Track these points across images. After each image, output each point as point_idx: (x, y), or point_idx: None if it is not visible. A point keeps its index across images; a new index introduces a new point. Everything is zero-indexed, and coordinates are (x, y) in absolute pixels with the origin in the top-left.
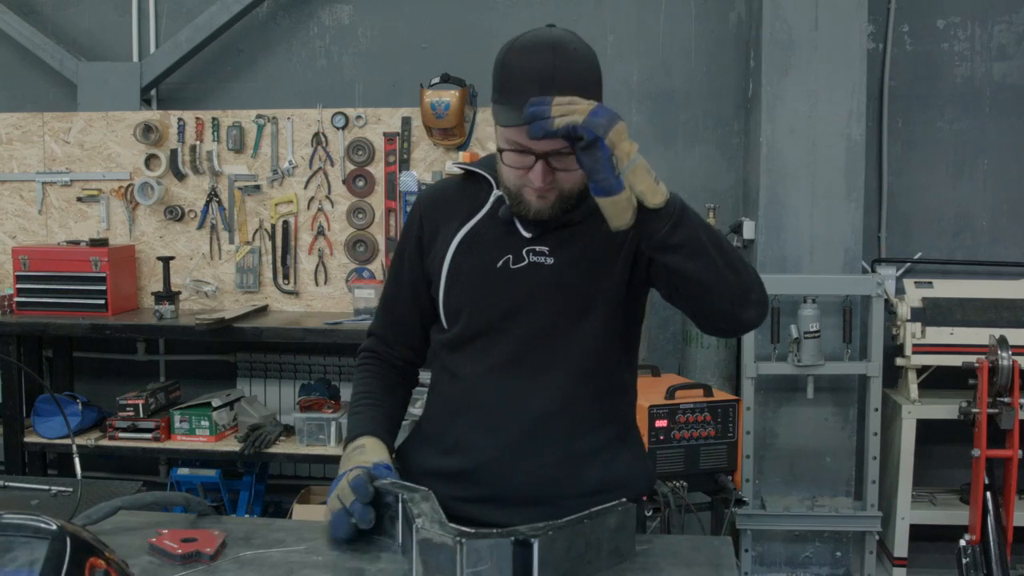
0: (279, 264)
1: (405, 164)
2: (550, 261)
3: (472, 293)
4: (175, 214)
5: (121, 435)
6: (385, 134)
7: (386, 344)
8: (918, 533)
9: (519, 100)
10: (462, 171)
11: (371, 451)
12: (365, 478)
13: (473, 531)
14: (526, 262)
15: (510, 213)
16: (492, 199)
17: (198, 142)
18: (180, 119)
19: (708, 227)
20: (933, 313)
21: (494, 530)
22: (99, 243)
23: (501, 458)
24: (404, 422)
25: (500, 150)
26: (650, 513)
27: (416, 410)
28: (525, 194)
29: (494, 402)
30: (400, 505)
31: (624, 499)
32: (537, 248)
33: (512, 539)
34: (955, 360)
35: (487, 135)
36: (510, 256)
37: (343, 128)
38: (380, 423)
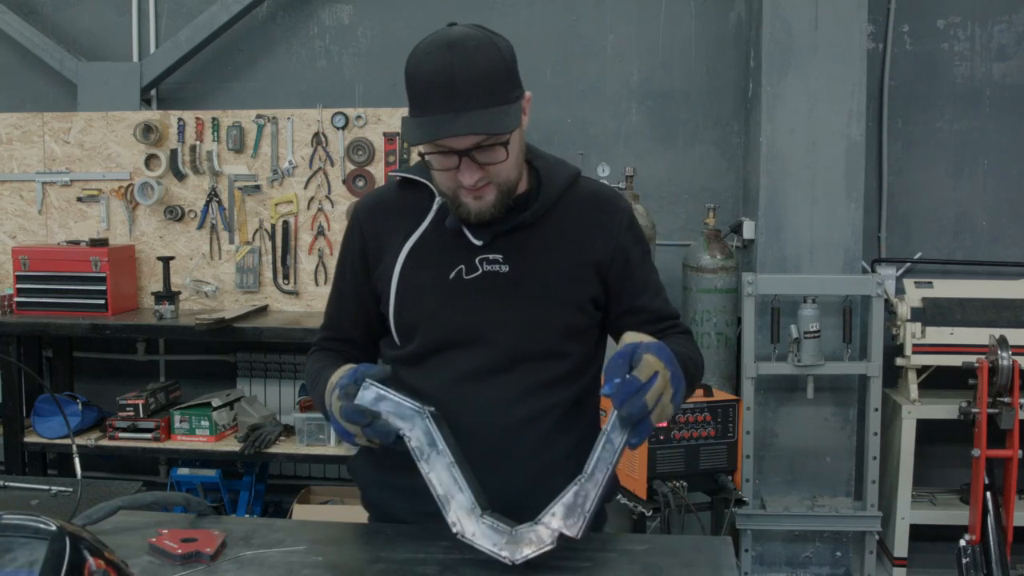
0: (279, 264)
1: (405, 164)
2: (505, 269)
3: (425, 308)
4: (175, 214)
5: (121, 435)
6: (385, 134)
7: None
8: (918, 533)
9: (424, 110)
10: (398, 178)
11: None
12: (353, 409)
13: (516, 532)
14: (480, 272)
15: (458, 222)
16: (436, 207)
17: (198, 142)
18: (180, 119)
19: (688, 373)
20: (933, 313)
21: (534, 524)
22: (99, 243)
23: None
24: None
25: (422, 154)
26: (650, 513)
27: None
28: (461, 196)
29: (457, 418)
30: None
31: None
32: (491, 256)
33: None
34: (955, 360)
35: None
36: (463, 266)
37: (343, 128)
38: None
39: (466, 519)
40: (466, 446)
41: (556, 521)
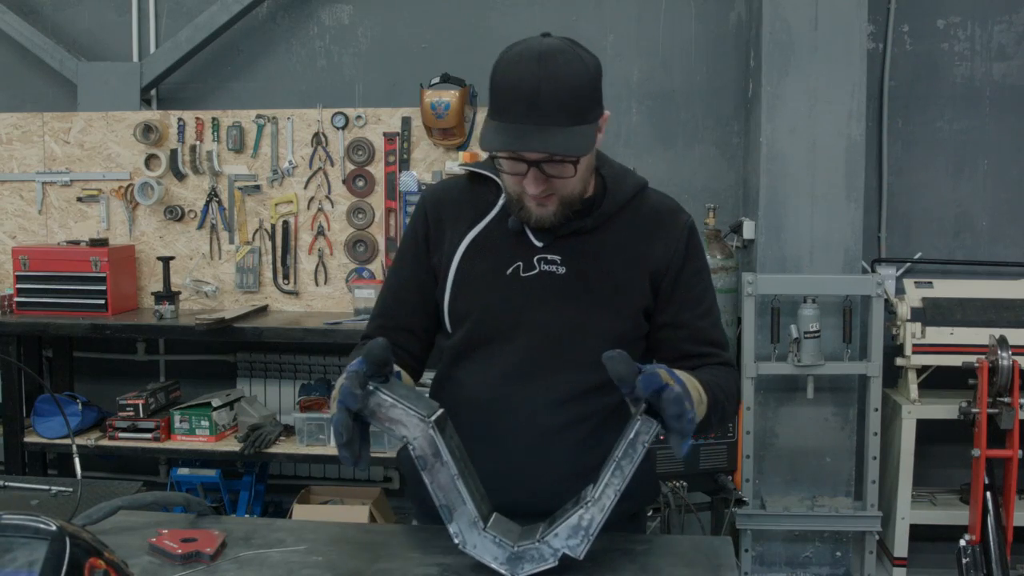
0: (279, 264)
1: (405, 164)
2: (562, 270)
3: (479, 299)
4: (175, 214)
5: (121, 435)
6: (385, 134)
7: None
8: (918, 533)
9: (504, 116)
10: (466, 172)
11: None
12: (348, 392)
13: (517, 549)
14: (537, 270)
15: (520, 224)
16: (501, 202)
17: (198, 142)
18: (180, 119)
19: (716, 402)
20: (933, 313)
21: (536, 543)
22: (99, 243)
23: (506, 472)
24: None
25: (493, 156)
26: (650, 513)
27: None
28: (525, 201)
29: (500, 415)
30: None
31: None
32: (549, 256)
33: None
34: (955, 360)
35: None
36: (520, 263)
37: (343, 128)
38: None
39: (468, 531)
40: (503, 445)
41: (559, 541)
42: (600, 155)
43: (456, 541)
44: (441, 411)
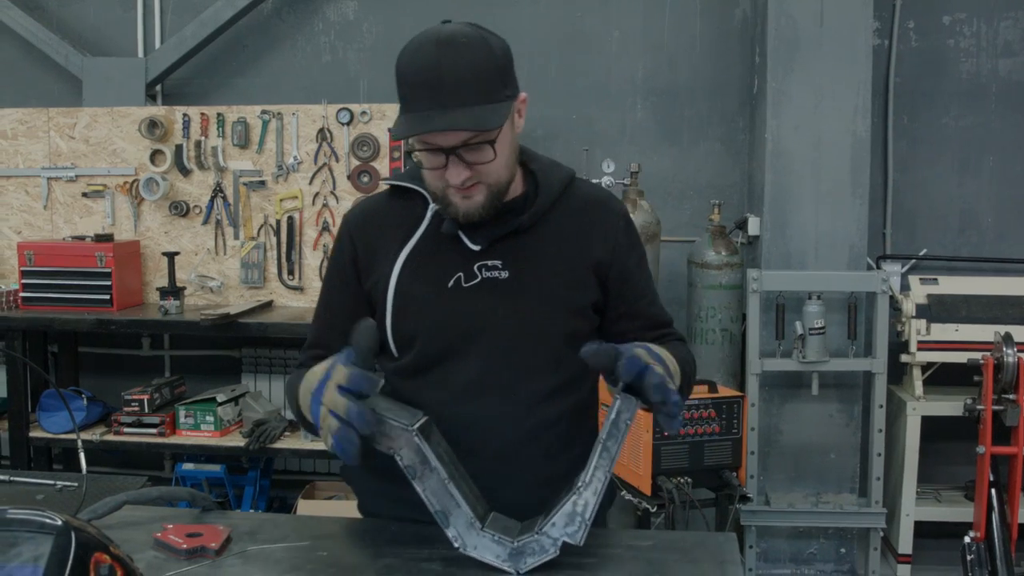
0: (284, 259)
1: (409, 160)
2: (505, 275)
3: (424, 318)
4: (180, 209)
5: (126, 430)
6: (390, 130)
7: None
8: (922, 530)
9: (411, 106)
10: (388, 187)
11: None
12: (360, 376)
13: (518, 544)
14: (479, 279)
15: (454, 227)
16: (430, 214)
17: (203, 137)
18: (185, 115)
19: (685, 374)
20: (938, 310)
21: (535, 535)
22: (104, 238)
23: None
24: None
25: (408, 151)
26: (655, 509)
27: None
28: (450, 195)
29: (461, 432)
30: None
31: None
32: (489, 263)
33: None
34: (960, 357)
35: None
36: (461, 274)
37: (348, 124)
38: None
39: (466, 533)
40: (468, 462)
41: (556, 530)
42: (528, 151)
43: (456, 545)
44: (425, 418)
